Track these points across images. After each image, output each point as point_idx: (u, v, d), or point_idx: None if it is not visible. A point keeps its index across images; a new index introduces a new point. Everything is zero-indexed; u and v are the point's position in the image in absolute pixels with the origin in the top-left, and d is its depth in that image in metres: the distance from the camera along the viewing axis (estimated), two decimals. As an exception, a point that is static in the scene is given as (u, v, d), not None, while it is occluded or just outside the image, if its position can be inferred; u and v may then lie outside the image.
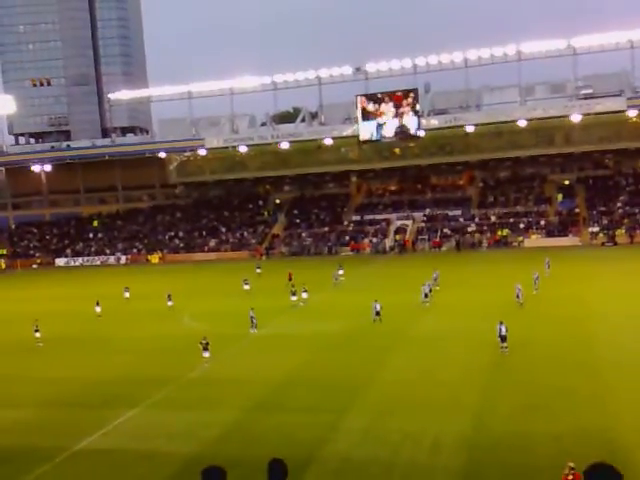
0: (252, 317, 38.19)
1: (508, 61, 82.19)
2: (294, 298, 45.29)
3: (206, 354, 31.02)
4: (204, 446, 22.04)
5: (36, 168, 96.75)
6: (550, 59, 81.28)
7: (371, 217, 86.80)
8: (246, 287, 51.65)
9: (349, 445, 21.24)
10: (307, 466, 19.25)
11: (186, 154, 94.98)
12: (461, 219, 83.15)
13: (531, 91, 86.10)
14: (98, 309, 46.46)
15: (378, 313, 38.18)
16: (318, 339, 35.96)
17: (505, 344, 30.04)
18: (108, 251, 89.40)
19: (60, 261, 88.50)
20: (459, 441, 20.95)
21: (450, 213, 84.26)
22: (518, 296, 39.94)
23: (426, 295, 42.67)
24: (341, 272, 55.59)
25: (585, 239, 74.25)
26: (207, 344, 31.05)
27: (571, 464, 15.48)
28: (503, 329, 30.16)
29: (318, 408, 24.77)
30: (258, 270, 59.77)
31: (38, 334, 37.07)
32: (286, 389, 27.57)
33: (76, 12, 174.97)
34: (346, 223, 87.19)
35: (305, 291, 45.54)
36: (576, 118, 78.21)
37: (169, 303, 46.88)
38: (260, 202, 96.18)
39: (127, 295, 52.60)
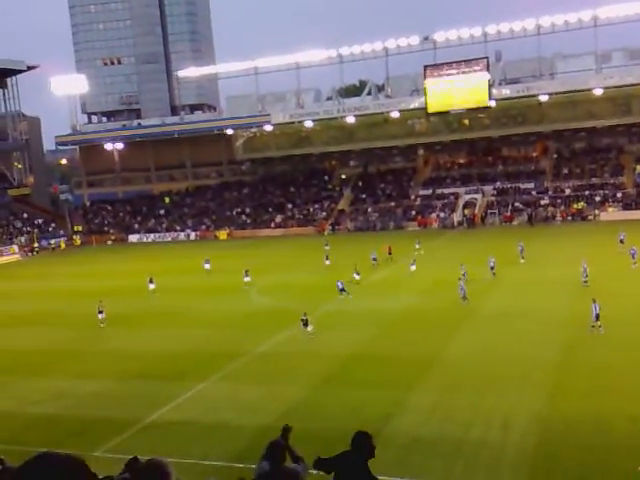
0: (342, 289, 39.93)
1: (583, 27, 78.74)
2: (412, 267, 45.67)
3: (309, 328, 31.32)
4: (273, 419, 22.15)
5: (108, 146, 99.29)
6: (628, 24, 77.37)
7: (439, 191, 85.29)
8: (327, 262, 51.58)
9: (417, 422, 20.95)
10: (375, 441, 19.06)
11: (252, 130, 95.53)
12: (533, 192, 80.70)
13: (607, 58, 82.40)
14: (152, 286, 46.55)
15: (464, 297, 36.55)
16: (385, 315, 35.66)
17: (599, 322, 28.66)
18: (178, 227, 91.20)
19: (133, 237, 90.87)
20: (531, 420, 20.38)
21: (522, 186, 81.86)
22: (584, 274, 37.93)
23: (492, 268, 42.09)
24: (418, 246, 56.00)
25: (665, 212, 70.93)
26: (307, 320, 31.37)
27: None
28: (597, 308, 28.77)
29: (385, 384, 24.54)
30: (327, 247, 59.47)
31: (101, 315, 36.74)
32: (354, 364, 27.45)
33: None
34: (413, 198, 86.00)
35: (357, 273, 44.49)
36: (656, 85, 74.40)
37: (246, 279, 46.38)
38: (326, 177, 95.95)
39: (207, 267, 54.07)
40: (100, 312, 36.88)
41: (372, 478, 6.09)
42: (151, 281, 46.88)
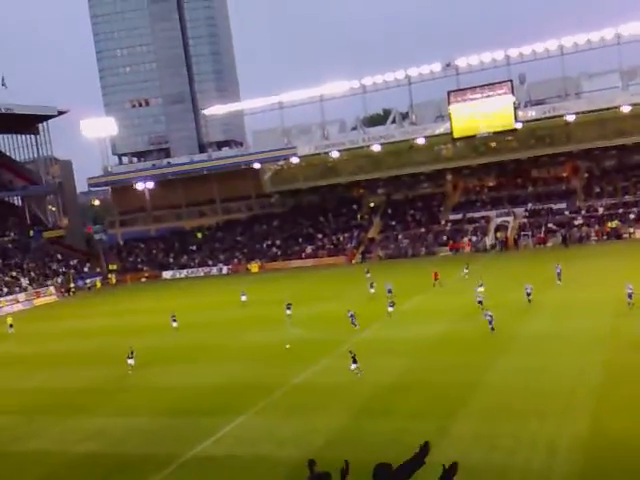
0: (352, 317, 39.89)
1: (607, 45, 78.35)
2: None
3: (353, 366, 29.56)
4: (311, 451, 21.94)
5: (139, 186, 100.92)
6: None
7: (469, 215, 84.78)
8: (372, 290, 51.28)
9: (460, 450, 20.53)
10: (417, 472, 18.75)
11: (279, 163, 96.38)
12: (566, 212, 79.72)
13: (633, 75, 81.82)
14: (175, 324, 46.54)
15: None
16: (422, 342, 35.30)
17: None
18: (210, 262, 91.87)
19: (167, 274, 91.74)
20: (576, 445, 19.89)
21: (554, 207, 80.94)
22: (630, 296, 36.26)
23: (528, 294, 41.16)
24: (466, 271, 55.75)
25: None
26: (354, 356, 29.81)
27: None
28: None
29: (425, 413, 24.22)
30: (368, 275, 59.06)
31: (131, 361, 35.38)
32: (391, 394, 27.14)
33: (169, 32, 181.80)
34: (443, 222, 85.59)
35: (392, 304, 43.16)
36: (684, 99, 73.48)
37: (287, 312, 45.24)
38: (354, 206, 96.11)
39: (244, 299, 54.56)
40: (130, 358, 35.60)
41: None
42: (174, 319, 46.82)
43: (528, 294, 40.95)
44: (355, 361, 29.54)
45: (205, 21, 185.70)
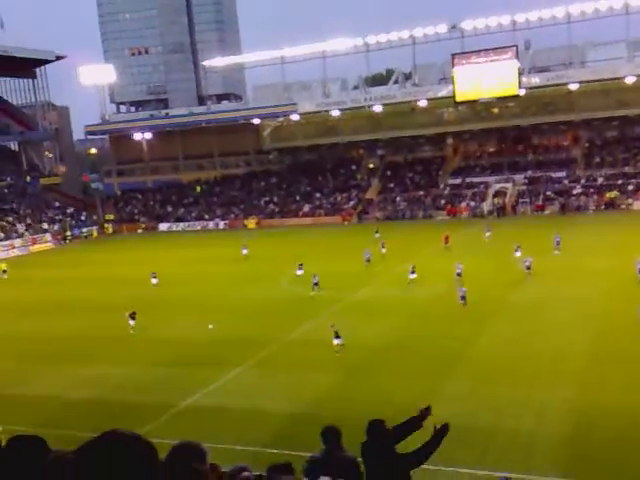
0: (315, 283, 39.27)
1: (614, 15, 77.33)
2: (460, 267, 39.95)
3: (336, 341, 27.85)
4: (304, 406, 22.45)
5: (137, 136, 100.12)
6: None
7: (468, 180, 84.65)
8: (383, 250, 50.88)
9: (450, 410, 20.88)
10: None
11: (279, 120, 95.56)
12: (565, 181, 79.69)
13: (639, 46, 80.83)
14: (154, 281, 45.78)
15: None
16: (417, 305, 35.65)
17: None
18: (207, 216, 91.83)
19: (163, 226, 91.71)
20: (565, 411, 20.36)
21: (553, 175, 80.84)
22: None
23: (528, 267, 39.61)
24: (488, 233, 55.24)
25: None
26: (337, 331, 28.03)
27: None
28: None
29: (417, 373, 24.64)
30: (377, 235, 58.51)
31: (132, 322, 34.39)
32: (385, 353, 27.56)
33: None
34: (442, 187, 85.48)
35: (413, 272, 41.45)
36: (690, 72, 72.93)
37: (299, 272, 44.16)
38: (353, 166, 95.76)
39: (245, 252, 55.23)
40: (132, 319, 34.52)
41: (400, 458, 6.01)
42: (154, 276, 46.15)
43: (528, 267, 39.55)
44: (338, 336, 27.81)
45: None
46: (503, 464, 17.32)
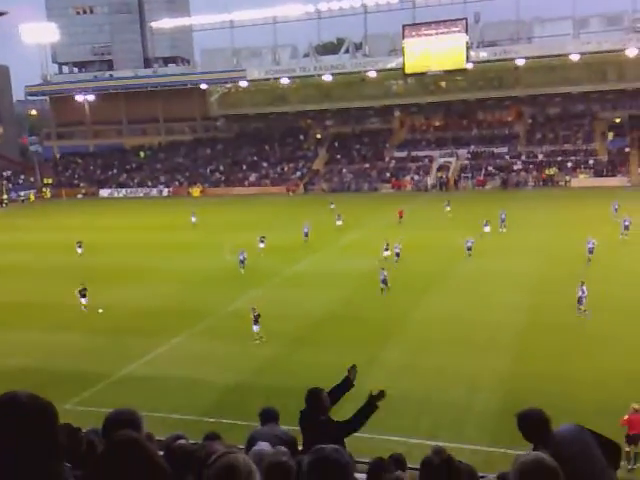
0: (242, 260, 37.48)
1: (562, -9, 78.49)
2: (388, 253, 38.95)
3: (256, 328, 25.68)
4: (243, 376, 22.48)
5: (79, 98, 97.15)
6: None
7: (414, 154, 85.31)
8: (339, 223, 50.47)
9: (384, 380, 21.26)
10: (343, 399, 19.43)
11: (227, 86, 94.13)
12: (507, 157, 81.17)
13: (585, 23, 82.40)
14: (79, 250, 44.16)
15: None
16: (355, 277, 35.93)
17: (582, 307, 26.74)
18: (150, 183, 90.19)
19: (104, 192, 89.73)
20: (496, 382, 20.89)
21: (496, 150, 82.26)
22: (590, 251, 35.22)
23: (469, 249, 38.55)
24: (448, 208, 54.61)
25: (635, 180, 71.96)
26: (258, 316, 25.79)
27: (636, 406, 15.36)
28: (584, 291, 26.78)
29: (355, 343, 24.90)
30: (332, 206, 58.14)
31: (84, 300, 31.64)
32: (323, 325, 27.77)
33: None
34: (387, 159, 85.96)
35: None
36: (632, 52, 74.77)
37: (260, 245, 42.14)
38: (301, 137, 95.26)
39: (194, 220, 54.79)
40: (83, 296, 31.65)
41: (335, 425, 6.14)
42: (79, 245, 44.60)
43: (469, 248, 38.47)
44: (257, 322, 25.58)
45: None
46: (435, 433, 17.73)
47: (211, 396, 21.08)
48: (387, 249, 38.70)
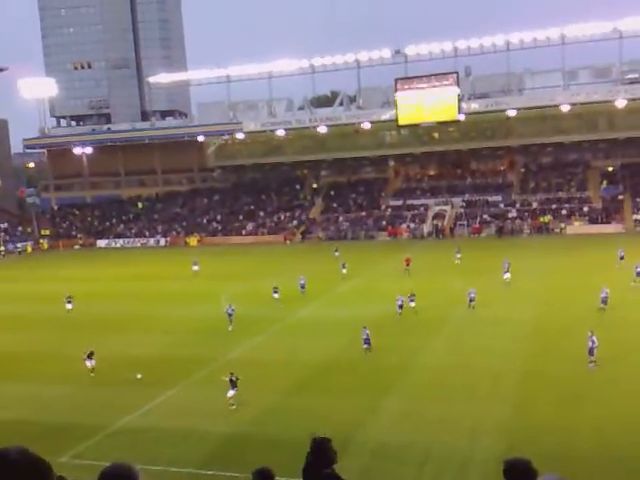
0: (230, 314, 35.87)
1: (551, 45, 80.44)
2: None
3: (231, 392, 23.97)
4: (242, 425, 22.21)
5: (77, 150, 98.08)
6: (595, 43, 79.17)
7: (409, 202, 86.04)
8: (344, 271, 49.83)
9: (387, 428, 21.15)
10: (344, 448, 19.16)
11: (224, 138, 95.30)
12: (501, 205, 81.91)
13: (574, 75, 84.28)
14: (69, 306, 42.09)
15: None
16: (356, 323, 35.71)
17: (593, 358, 25.84)
18: (148, 233, 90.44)
19: (101, 242, 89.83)
20: (498, 429, 20.68)
21: (490, 199, 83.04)
22: (604, 301, 34.70)
23: (471, 300, 37.42)
24: (459, 256, 53.86)
25: (629, 226, 72.53)
26: (237, 380, 24.16)
27: None
28: (595, 341, 25.86)
29: (356, 390, 24.71)
30: (336, 253, 58.12)
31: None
32: (324, 372, 27.55)
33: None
34: (383, 208, 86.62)
35: None
36: (621, 103, 76.26)
37: (275, 295, 41.36)
38: (297, 186, 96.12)
39: (196, 268, 54.81)
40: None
41: None
42: (69, 301, 42.43)
43: (471, 300, 37.28)
44: (234, 386, 24.04)
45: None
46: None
47: (209, 447, 20.79)
48: (412, 300, 36.76)
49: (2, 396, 26.63)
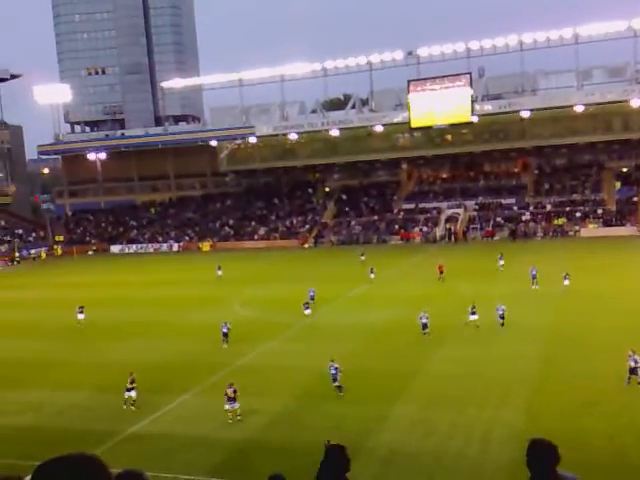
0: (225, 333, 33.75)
1: (565, 44, 79.84)
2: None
3: (228, 406, 23.11)
4: (252, 432, 22.14)
5: (91, 156, 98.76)
6: (609, 42, 78.43)
7: (422, 205, 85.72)
8: (372, 275, 49.19)
9: (397, 435, 21.00)
10: (355, 455, 19.00)
11: (237, 142, 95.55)
12: (515, 207, 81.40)
13: (588, 75, 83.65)
14: (81, 316, 40.43)
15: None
16: (368, 329, 35.64)
17: (638, 378, 23.48)
18: (160, 238, 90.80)
19: (115, 248, 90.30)
20: (509, 436, 20.44)
21: (503, 201, 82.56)
22: None
23: (501, 317, 34.31)
24: (502, 262, 51.76)
25: (644, 229, 71.78)
26: (235, 392, 23.13)
27: None
28: (637, 360, 23.79)
29: (367, 398, 24.56)
30: (362, 258, 57.71)
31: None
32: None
33: (129, 1, 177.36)
34: (396, 211, 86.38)
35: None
36: (636, 103, 75.56)
37: (306, 312, 38.72)
38: (310, 190, 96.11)
39: (220, 273, 54.76)
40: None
41: None
42: (81, 311, 40.98)
43: (501, 316, 34.17)
44: (234, 400, 23.09)
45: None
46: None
47: (220, 454, 20.74)
48: (474, 312, 34.39)
49: (16, 402, 26.76)
